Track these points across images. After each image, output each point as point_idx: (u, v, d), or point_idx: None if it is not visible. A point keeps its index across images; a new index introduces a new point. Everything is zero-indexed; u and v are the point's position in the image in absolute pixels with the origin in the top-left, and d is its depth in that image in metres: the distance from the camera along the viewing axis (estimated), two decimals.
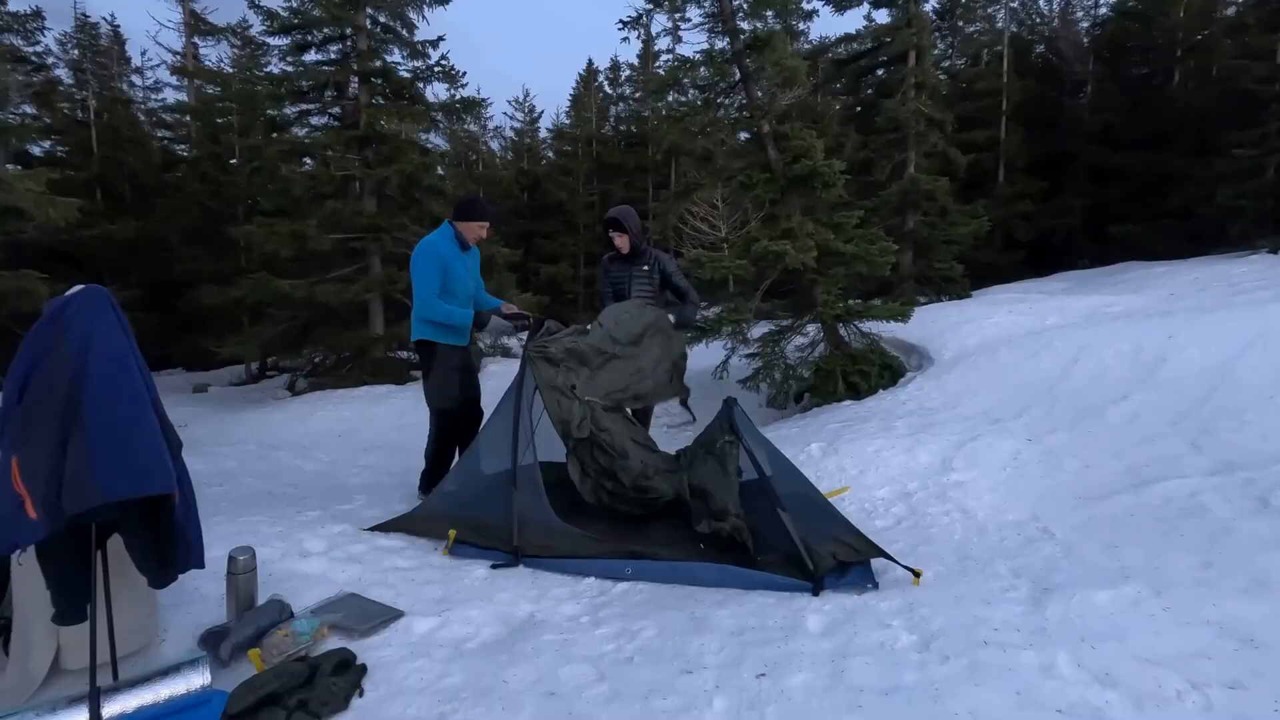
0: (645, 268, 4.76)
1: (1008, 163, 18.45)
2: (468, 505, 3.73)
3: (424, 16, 12.53)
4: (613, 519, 3.72)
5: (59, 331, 2.20)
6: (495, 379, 6.93)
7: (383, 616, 2.79)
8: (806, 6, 14.29)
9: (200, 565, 2.42)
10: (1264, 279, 8.46)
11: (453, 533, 3.63)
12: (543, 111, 30.50)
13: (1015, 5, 21.44)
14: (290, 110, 12.45)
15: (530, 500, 3.54)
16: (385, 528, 3.83)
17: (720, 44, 8.71)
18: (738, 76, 8.54)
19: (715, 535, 3.30)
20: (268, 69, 14.19)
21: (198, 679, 2.25)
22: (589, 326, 4.18)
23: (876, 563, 3.04)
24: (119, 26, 23.58)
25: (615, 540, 3.47)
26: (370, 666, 2.47)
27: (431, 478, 4.35)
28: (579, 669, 2.37)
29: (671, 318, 4.68)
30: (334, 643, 2.62)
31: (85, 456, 2.06)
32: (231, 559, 2.76)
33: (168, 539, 2.34)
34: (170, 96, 23.48)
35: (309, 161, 12.68)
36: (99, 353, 2.18)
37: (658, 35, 25.13)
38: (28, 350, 2.24)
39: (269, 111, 12.57)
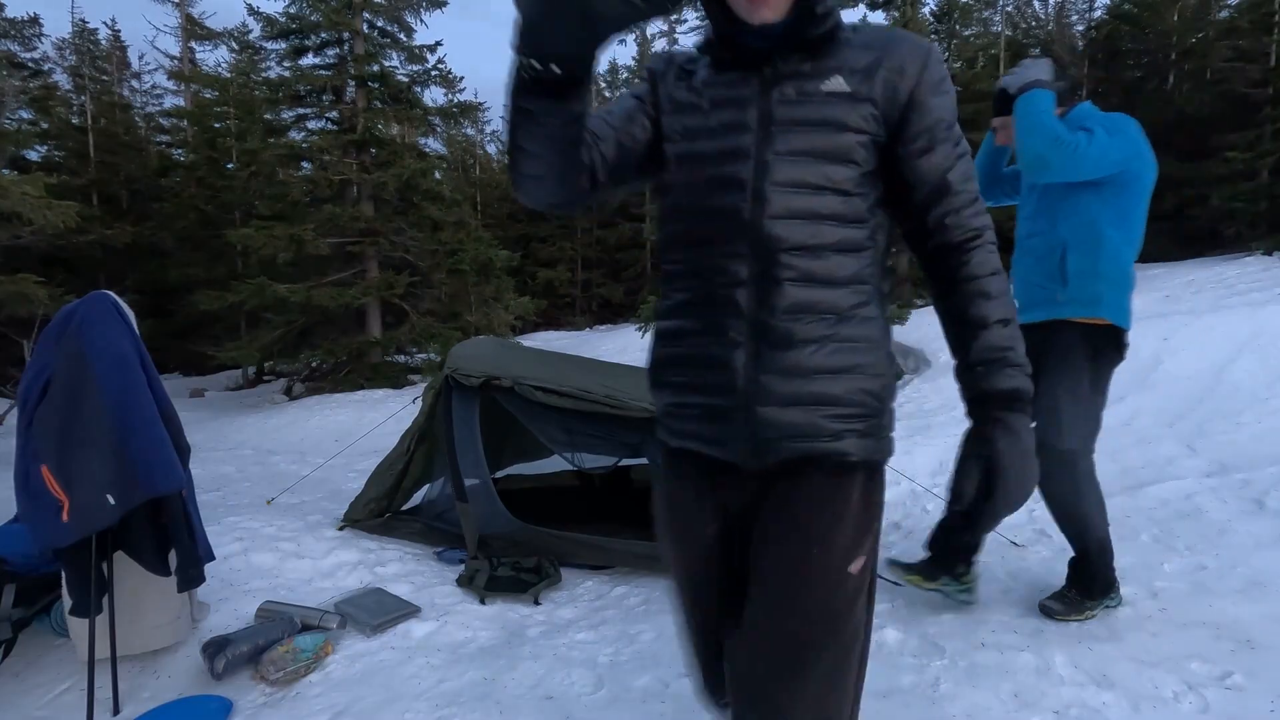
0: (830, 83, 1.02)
1: None
2: (440, 516, 3.86)
3: (422, 20, 12.60)
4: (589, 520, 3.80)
5: (68, 340, 2.22)
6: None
7: (400, 611, 2.84)
8: None
9: (210, 558, 2.55)
10: (1258, 281, 8.47)
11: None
12: None
13: (1011, 9, 21.54)
14: (287, 114, 12.48)
15: (487, 510, 3.59)
16: (359, 525, 3.93)
17: None
18: None
19: None
20: (265, 73, 14.20)
21: None
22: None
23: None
24: (119, 31, 23.56)
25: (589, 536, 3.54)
26: (369, 670, 2.47)
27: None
28: (577, 673, 2.37)
29: None
30: (347, 638, 2.70)
31: (129, 457, 2.14)
32: None
33: (178, 540, 2.37)
34: (168, 101, 23.48)
35: (306, 166, 12.69)
36: (108, 360, 2.22)
37: (653, 38, 25.31)
38: (37, 360, 2.27)
39: (266, 116, 12.60)
